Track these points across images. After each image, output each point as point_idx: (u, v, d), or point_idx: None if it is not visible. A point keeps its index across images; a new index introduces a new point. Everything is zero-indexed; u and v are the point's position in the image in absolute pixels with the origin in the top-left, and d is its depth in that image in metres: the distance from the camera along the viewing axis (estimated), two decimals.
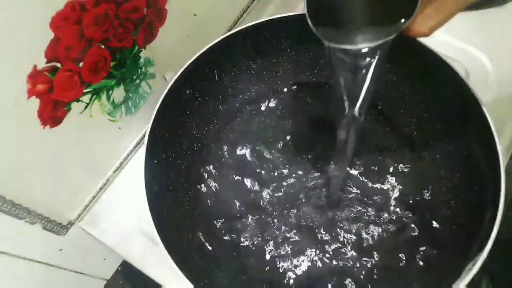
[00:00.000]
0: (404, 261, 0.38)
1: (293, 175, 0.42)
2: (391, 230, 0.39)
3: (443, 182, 0.39)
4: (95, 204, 0.43)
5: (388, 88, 0.44)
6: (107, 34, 0.33)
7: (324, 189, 0.42)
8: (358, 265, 0.38)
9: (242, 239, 0.40)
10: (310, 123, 0.45)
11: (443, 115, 0.39)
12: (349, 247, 0.39)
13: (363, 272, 0.38)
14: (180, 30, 0.42)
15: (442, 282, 0.31)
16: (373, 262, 0.38)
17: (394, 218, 0.40)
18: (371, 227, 0.40)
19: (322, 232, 0.40)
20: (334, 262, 0.38)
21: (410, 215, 0.40)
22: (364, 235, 0.40)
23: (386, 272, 0.38)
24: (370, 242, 0.39)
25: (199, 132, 0.44)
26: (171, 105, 0.39)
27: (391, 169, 0.42)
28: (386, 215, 0.40)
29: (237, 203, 0.42)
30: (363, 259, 0.38)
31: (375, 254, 0.38)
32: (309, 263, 0.39)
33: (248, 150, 0.44)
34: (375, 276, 0.38)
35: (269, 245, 0.39)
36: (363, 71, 0.26)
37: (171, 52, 0.42)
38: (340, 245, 0.39)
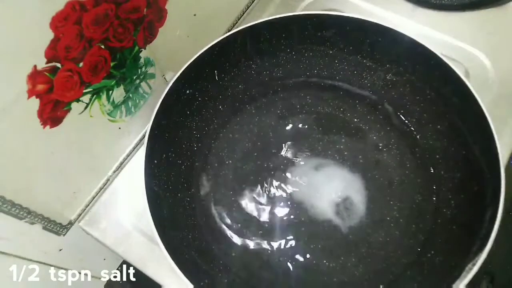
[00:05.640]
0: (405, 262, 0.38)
1: (296, 177, 0.42)
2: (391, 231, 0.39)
3: (443, 182, 0.39)
4: (95, 204, 0.43)
5: (388, 88, 0.44)
6: (107, 34, 0.33)
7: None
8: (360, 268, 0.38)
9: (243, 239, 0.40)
10: (310, 123, 0.45)
11: (443, 115, 0.39)
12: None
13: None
14: (180, 30, 0.42)
15: (442, 282, 0.31)
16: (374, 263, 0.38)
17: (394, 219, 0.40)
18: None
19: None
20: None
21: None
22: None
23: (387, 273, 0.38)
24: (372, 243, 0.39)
25: (199, 132, 0.44)
26: (171, 105, 0.39)
27: None
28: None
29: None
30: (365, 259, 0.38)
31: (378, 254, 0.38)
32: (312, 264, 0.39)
33: (248, 149, 0.44)
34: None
35: (271, 245, 0.39)
36: None
37: (171, 52, 0.42)
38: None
